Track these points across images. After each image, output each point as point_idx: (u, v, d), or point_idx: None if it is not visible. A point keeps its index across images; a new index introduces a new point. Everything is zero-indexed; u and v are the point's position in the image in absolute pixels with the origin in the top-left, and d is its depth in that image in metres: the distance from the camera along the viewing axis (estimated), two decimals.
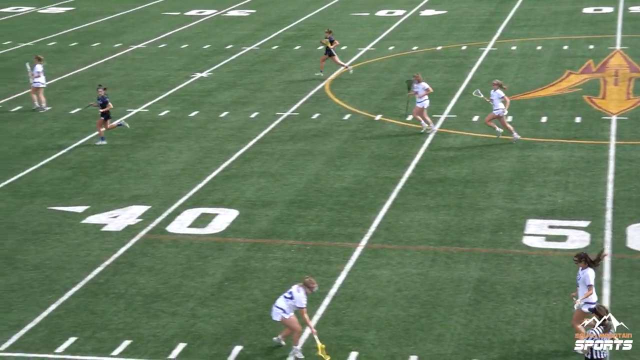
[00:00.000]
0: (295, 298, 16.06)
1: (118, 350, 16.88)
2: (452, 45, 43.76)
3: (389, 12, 53.64)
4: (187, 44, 45.69)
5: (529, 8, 53.23)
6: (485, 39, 44.53)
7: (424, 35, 46.35)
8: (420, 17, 52.11)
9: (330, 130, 30.25)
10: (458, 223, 22.48)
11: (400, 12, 53.50)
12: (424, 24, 49.85)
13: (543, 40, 44.00)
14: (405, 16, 52.29)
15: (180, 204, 24.18)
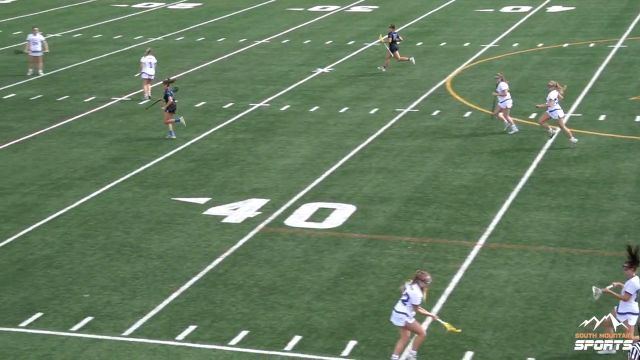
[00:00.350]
0: (411, 296, 15.84)
1: (235, 340, 17.15)
2: (579, 42, 42.98)
3: (514, 9, 52.99)
4: (309, 39, 46.03)
5: None
6: (615, 36, 43.61)
7: (550, 32, 45.64)
8: (547, 13, 51.32)
9: (450, 128, 30.09)
10: (580, 224, 22.10)
11: (526, 9, 52.79)
12: (550, 20, 49.07)
13: None
14: (531, 12, 51.57)
15: (298, 198, 24.41)
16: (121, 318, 18.21)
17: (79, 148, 29.26)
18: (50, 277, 20.14)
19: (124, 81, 38.04)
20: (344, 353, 16.66)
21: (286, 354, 16.69)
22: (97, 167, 27.38)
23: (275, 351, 16.79)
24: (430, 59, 40.31)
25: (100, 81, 38.26)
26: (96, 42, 47.03)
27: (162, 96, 30.11)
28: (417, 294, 15.75)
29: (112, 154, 28.65)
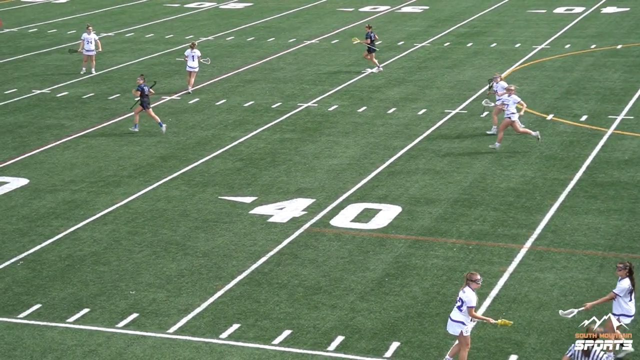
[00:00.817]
0: (466, 300, 15.65)
1: (279, 340, 17.21)
2: (634, 44, 42.50)
3: (567, 9, 52.55)
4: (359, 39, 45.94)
5: None
6: None
7: (604, 33, 45.19)
8: (601, 14, 50.82)
9: None
10: (630, 229, 21.89)
11: (580, 9, 52.34)
12: (604, 21, 48.58)
13: None
14: (585, 13, 51.11)
15: (344, 198, 24.42)
16: (166, 315, 18.36)
17: (129, 146, 29.56)
18: (98, 273, 20.37)
19: (174, 80, 38.35)
20: (387, 354, 16.65)
21: (329, 354, 16.73)
22: (145, 165, 27.63)
23: (318, 351, 16.84)
24: (480, 60, 40.13)
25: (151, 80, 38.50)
26: (148, 41, 47.45)
27: (136, 89, 30.76)
28: (471, 297, 15.59)
29: (160, 152, 28.90)
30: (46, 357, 16.86)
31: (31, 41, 47.97)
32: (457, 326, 15.66)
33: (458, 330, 15.69)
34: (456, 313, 15.66)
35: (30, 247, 21.85)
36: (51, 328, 17.93)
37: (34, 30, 51.35)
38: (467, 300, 15.52)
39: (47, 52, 44.88)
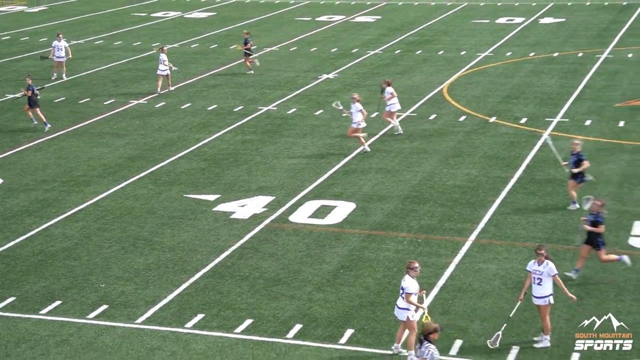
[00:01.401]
0: (405, 287, 15.89)
1: (240, 328, 17.25)
2: (568, 52, 42.92)
3: (509, 20, 52.96)
4: (316, 47, 46.07)
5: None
6: (602, 46, 43.52)
7: (542, 42, 45.58)
8: (539, 24, 51.25)
9: (446, 131, 30.11)
10: (565, 222, 22.12)
11: (520, 20, 52.76)
12: (542, 31, 49.01)
13: None
14: (525, 23, 51.52)
15: (302, 195, 24.46)
16: (134, 307, 18.32)
17: (98, 147, 29.38)
18: (69, 267, 20.27)
19: (141, 85, 38.15)
20: (342, 341, 16.73)
21: (288, 342, 16.77)
22: (114, 166, 27.48)
23: (277, 339, 16.88)
24: (429, 67, 40.33)
25: (119, 85, 38.38)
26: (116, 48, 47.15)
27: (25, 89, 30.97)
28: (410, 284, 15.79)
29: (128, 153, 28.75)
30: (20, 347, 16.76)
31: (4, 48, 47.55)
32: (403, 312, 15.86)
33: (405, 316, 15.85)
34: (401, 301, 15.87)
35: (4, 243, 21.70)
36: (25, 320, 17.83)
37: (7, 38, 50.87)
38: (405, 287, 15.77)
39: (20, 59, 44.48)
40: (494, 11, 56.49)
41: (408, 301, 15.77)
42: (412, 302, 15.83)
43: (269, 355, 16.35)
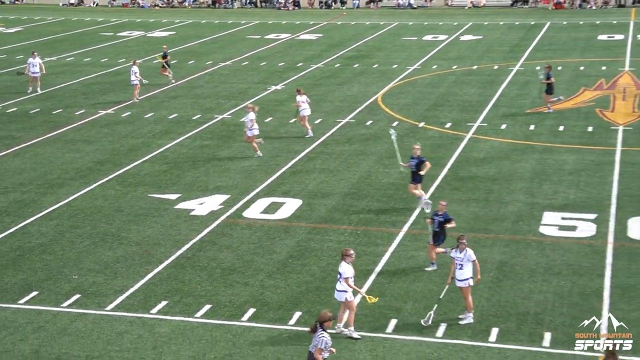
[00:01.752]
0: (342, 272, 15.89)
1: (200, 313, 17.12)
2: (485, 65, 43.34)
3: (434, 37, 53.31)
4: (265, 62, 45.91)
5: (553, 35, 52.49)
6: (515, 60, 44.01)
7: (463, 57, 45.96)
8: (460, 41, 51.67)
9: (381, 135, 30.16)
10: (485, 214, 22.32)
11: (443, 37, 53.13)
12: (462, 47, 49.42)
13: (563, 61, 43.32)
14: (448, 40, 51.90)
15: (254, 193, 24.33)
16: (104, 295, 18.08)
17: (70, 153, 28.93)
18: (45, 261, 19.93)
19: (109, 97, 37.66)
20: (291, 322, 16.70)
21: (243, 324, 16.68)
22: (85, 169, 27.08)
23: (233, 322, 16.78)
24: (365, 78, 40.40)
25: (89, 97, 37.85)
26: (86, 64, 46.48)
27: None
28: (347, 269, 15.80)
29: (97, 158, 28.34)
30: (1, 334, 16.46)
31: None
32: (342, 294, 15.88)
33: (343, 297, 15.89)
34: (339, 284, 15.89)
35: None
36: (4, 309, 17.52)
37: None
38: (342, 272, 15.78)
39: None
40: (421, 30, 56.84)
41: (347, 284, 15.79)
42: (350, 285, 15.84)
43: (226, 336, 16.24)
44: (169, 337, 16.27)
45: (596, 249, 19.76)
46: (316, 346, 13.00)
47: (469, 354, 15.39)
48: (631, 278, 18.24)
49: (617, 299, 17.28)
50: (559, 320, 16.48)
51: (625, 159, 26.54)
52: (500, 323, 16.40)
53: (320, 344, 12.99)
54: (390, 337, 16.03)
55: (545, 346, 15.56)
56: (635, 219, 21.49)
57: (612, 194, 23.35)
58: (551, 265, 18.95)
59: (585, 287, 17.86)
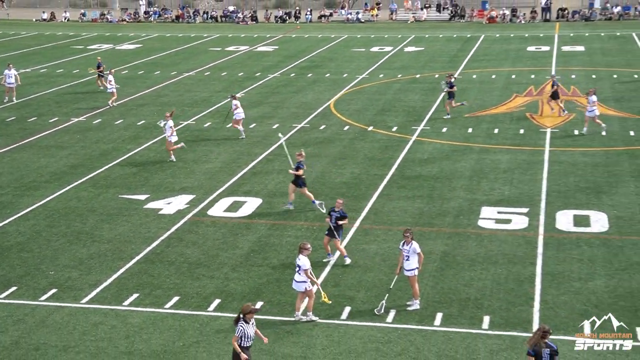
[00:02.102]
0: (301, 265, 15.93)
1: (169, 304, 17.03)
2: (427, 74, 43.67)
3: (380, 48, 53.56)
4: (226, 72, 45.71)
5: (487, 46, 53.09)
6: (453, 69, 44.39)
7: (407, 66, 46.24)
8: (404, 52, 51.99)
9: (333, 138, 30.25)
10: (429, 209, 22.48)
11: (389, 49, 53.40)
12: (406, 57, 49.74)
13: (496, 70, 43.85)
14: (393, 51, 52.18)
15: (218, 193, 24.22)
16: (79, 289, 17.88)
17: (45, 158, 28.49)
18: (23, 259, 19.63)
19: (80, 105, 37.17)
20: None
21: (209, 314, 16.62)
22: (59, 173, 26.70)
23: (200, 312, 16.71)
24: (318, 87, 40.44)
25: (62, 106, 37.31)
26: (58, 75, 45.81)
27: None
28: (305, 261, 15.86)
29: (71, 162, 27.95)
30: None
31: None
32: (301, 285, 15.95)
33: (303, 287, 15.92)
34: (298, 276, 15.96)
35: None
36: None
37: None
38: (302, 264, 15.84)
39: None
40: (369, 42, 57.07)
41: (307, 275, 15.83)
42: (309, 276, 15.89)
43: (194, 325, 16.16)
44: (140, 327, 16.14)
45: (528, 240, 20.05)
46: (235, 335, 13.27)
47: (416, 337, 15.53)
48: (559, 265, 18.56)
49: (547, 284, 17.56)
50: (497, 304, 16.70)
51: (553, 158, 26.95)
52: (444, 308, 16.57)
53: (237, 332, 13.27)
54: (344, 323, 16.10)
55: (484, 328, 15.76)
56: (562, 212, 21.85)
57: (542, 190, 23.70)
58: (489, 255, 19.18)
59: (520, 274, 18.12)
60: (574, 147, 28.07)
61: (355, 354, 15.00)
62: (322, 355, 15.00)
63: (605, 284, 17.47)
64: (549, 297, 16.92)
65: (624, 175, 24.83)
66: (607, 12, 65.58)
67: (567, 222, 21.14)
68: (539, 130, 30.67)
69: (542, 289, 17.34)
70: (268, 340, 14.19)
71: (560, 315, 16.12)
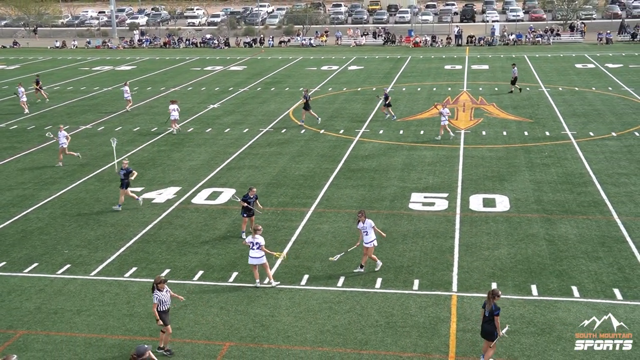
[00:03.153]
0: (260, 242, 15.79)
1: (162, 275, 16.67)
2: (367, 87, 43.71)
3: (329, 67, 53.42)
4: (205, 87, 45.13)
5: (413, 65, 53.30)
6: (387, 84, 44.53)
7: (350, 81, 46.21)
8: (348, 70, 51.95)
9: (293, 140, 30.09)
10: (370, 195, 22.51)
11: (336, 67, 53.28)
12: (350, 74, 49.70)
13: (421, 84, 44.06)
14: (339, 70, 52.10)
15: (200, 185, 23.93)
16: (88, 264, 17.55)
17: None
18: (42, 240, 19.18)
19: (87, 116, 36.35)
20: (230, 280, 16.54)
21: (194, 282, 16.42)
22: (70, 170, 26.09)
23: (187, 281, 16.51)
24: (280, 98, 40.17)
25: (72, 116, 36.44)
26: (69, 92, 44.70)
27: None
28: (259, 240, 15.76)
29: (80, 161, 27.28)
30: (11, 295, 15.82)
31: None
32: (261, 259, 15.82)
33: (263, 260, 15.80)
34: (254, 252, 15.75)
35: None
36: (13, 277, 16.92)
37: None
38: (260, 241, 15.71)
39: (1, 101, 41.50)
40: (320, 62, 56.85)
41: (264, 250, 15.77)
42: (266, 250, 15.86)
43: (182, 292, 15.96)
44: (139, 294, 15.90)
45: (448, 219, 20.22)
46: (153, 302, 13.27)
47: (361, 297, 15.55)
48: (472, 238, 18.75)
49: (463, 253, 17.74)
50: (424, 270, 16.81)
51: (466, 154, 27.21)
52: (382, 274, 16.62)
53: (154, 299, 13.25)
54: (303, 288, 16.06)
55: (415, 289, 15.86)
56: (474, 196, 22.07)
57: (458, 179, 23.91)
58: (417, 231, 19.29)
59: (442, 246, 18.28)
60: (482, 145, 28.39)
61: (312, 312, 14.97)
62: (287, 314, 14.94)
63: (507, 252, 17.72)
64: (464, 263, 17.10)
65: (521, 167, 25.21)
66: (504, 38, 66.48)
67: (478, 203, 21.37)
68: (455, 131, 30.90)
69: (459, 257, 17.52)
70: (184, 298, 14.40)
71: (474, 277, 16.31)
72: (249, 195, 18.69)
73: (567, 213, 20.38)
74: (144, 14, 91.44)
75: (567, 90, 40.25)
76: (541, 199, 21.66)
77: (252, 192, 18.78)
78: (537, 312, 14.47)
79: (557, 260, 17.07)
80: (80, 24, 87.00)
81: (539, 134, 30.02)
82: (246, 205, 18.55)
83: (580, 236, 18.62)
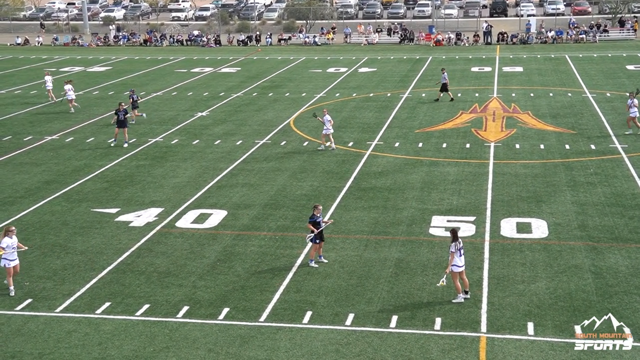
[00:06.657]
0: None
1: (140, 312, 16.77)
2: (380, 92, 43.91)
3: (336, 69, 53.75)
4: (191, 92, 45.44)
5: (434, 67, 53.53)
6: (404, 89, 44.74)
7: (361, 86, 46.45)
8: (359, 73, 52.23)
9: (294, 153, 30.21)
10: (384, 219, 22.52)
11: (344, 69, 53.62)
12: (361, 77, 49.97)
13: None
14: (348, 72, 52.40)
15: (185, 206, 23.99)
16: (54, 299, 17.53)
17: (20, 175, 27.96)
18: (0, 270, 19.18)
19: (54, 125, 36.60)
20: (220, 317, 16.51)
21: (178, 320, 16.40)
22: (33, 189, 26.21)
23: (170, 318, 16.49)
24: (279, 105, 40.41)
25: (35, 125, 36.69)
26: (32, 96, 45.09)
27: None
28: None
29: (45, 178, 27.47)
30: None
31: None
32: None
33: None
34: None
35: None
36: None
37: None
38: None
39: None
40: (325, 63, 57.25)
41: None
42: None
43: (164, 331, 15.94)
44: (112, 333, 15.87)
45: (476, 246, 20.21)
46: None
47: (373, 338, 15.51)
48: (504, 269, 18.72)
49: (493, 287, 17.70)
50: (448, 307, 16.77)
51: (497, 170, 27.26)
52: (398, 311, 16.59)
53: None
54: (306, 327, 16.02)
55: (436, 329, 15.81)
56: (506, 220, 22.07)
57: (487, 200, 23.93)
58: (440, 261, 19.26)
59: (468, 278, 18.21)
60: (515, 160, 28.43)
61: (316, 356, 14.92)
62: (286, 357, 14.90)
63: (546, 286, 17.68)
64: (495, 299, 17.06)
65: (561, 185, 25.22)
66: (542, 36, 66.77)
67: (510, 229, 21.36)
68: (484, 144, 30.99)
69: (488, 291, 17.48)
70: None
71: (506, 316, 16.26)
72: (316, 216, 18.60)
73: (616, 241, 20.33)
74: (120, 7, 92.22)
75: (617, 96, 40.35)
76: (586, 224, 21.64)
77: (317, 210, 18.66)
78: (583, 358, 14.39)
79: (605, 297, 17.01)
80: (46, 18, 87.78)
81: (582, 147, 30.06)
82: (316, 230, 18.30)
83: (633, 268, 18.57)
